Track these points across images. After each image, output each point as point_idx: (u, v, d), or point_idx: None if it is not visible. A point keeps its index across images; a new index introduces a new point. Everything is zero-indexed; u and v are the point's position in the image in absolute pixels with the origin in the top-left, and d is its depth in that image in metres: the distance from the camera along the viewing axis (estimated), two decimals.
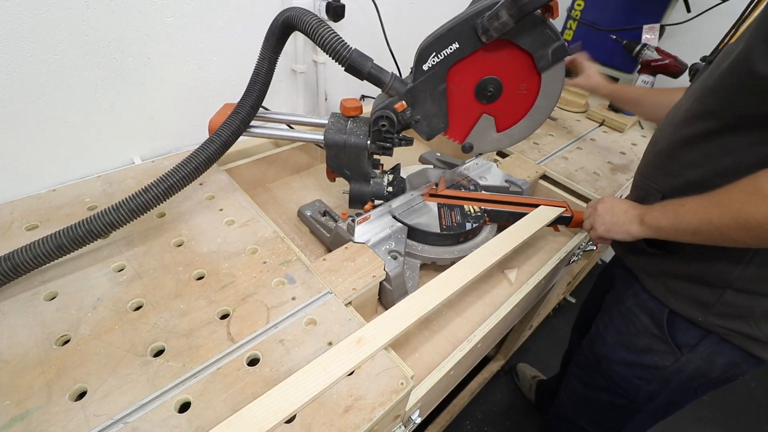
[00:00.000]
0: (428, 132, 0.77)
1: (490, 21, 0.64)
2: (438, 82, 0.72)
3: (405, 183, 0.91)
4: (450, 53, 0.69)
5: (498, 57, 0.70)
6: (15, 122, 0.74)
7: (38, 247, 0.56)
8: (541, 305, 1.25)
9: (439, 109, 0.75)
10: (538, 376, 1.61)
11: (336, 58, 0.68)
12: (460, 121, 0.78)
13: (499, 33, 0.65)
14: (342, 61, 0.67)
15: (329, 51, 0.67)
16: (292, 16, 0.69)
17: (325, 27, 0.66)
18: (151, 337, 0.54)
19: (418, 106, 0.74)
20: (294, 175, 1.10)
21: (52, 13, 0.70)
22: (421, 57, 0.69)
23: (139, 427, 0.46)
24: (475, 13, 0.65)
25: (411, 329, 0.75)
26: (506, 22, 0.63)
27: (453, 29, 0.67)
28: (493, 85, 0.73)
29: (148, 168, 0.86)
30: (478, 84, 0.73)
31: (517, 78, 0.73)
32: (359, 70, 0.69)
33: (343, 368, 0.52)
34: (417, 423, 0.66)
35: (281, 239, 0.73)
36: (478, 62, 0.71)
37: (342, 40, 0.67)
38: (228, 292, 0.62)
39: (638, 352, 0.81)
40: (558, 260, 0.90)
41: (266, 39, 0.74)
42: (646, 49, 1.37)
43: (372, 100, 1.30)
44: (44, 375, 0.50)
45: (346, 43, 0.67)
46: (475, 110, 0.77)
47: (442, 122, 0.76)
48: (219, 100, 1.00)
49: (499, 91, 0.74)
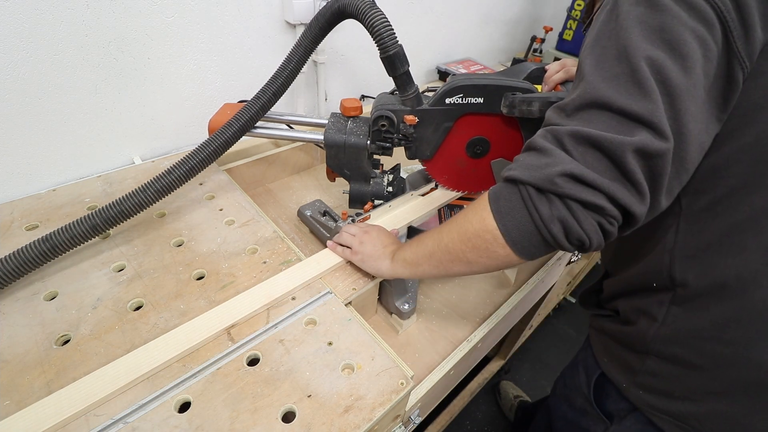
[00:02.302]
0: (413, 153, 0.80)
1: (521, 102, 0.69)
2: (448, 120, 0.76)
3: (405, 183, 0.91)
4: (472, 103, 0.73)
5: (503, 127, 0.78)
6: (15, 122, 0.74)
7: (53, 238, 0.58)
8: (541, 305, 1.25)
9: (435, 141, 0.79)
10: (521, 397, 1.54)
11: (379, 45, 0.67)
12: (442, 161, 0.83)
13: (520, 116, 0.70)
14: (384, 49, 0.67)
15: (375, 36, 0.66)
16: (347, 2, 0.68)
17: (377, 12, 0.65)
18: (151, 337, 0.54)
19: (420, 128, 0.76)
20: (294, 175, 1.10)
21: (52, 13, 0.70)
22: (449, 91, 0.73)
23: (139, 427, 0.46)
24: (513, 86, 0.72)
25: (411, 329, 0.76)
26: (533, 113, 0.68)
27: (488, 87, 0.72)
28: (482, 147, 0.80)
29: (148, 168, 0.86)
30: (473, 139, 0.79)
31: (506, 149, 0.81)
32: (396, 67, 0.69)
33: None
34: (417, 423, 0.66)
35: (281, 239, 0.73)
36: (487, 123, 0.77)
37: (393, 30, 0.66)
38: (228, 292, 0.62)
39: (576, 411, 0.74)
40: (558, 260, 0.90)
41: (308, 29, 0.74)
42: None
43: (372, 100, 1.30)
44: (44, 375, 0.50)
45: (395, 34, 0.67)
46: (458, 157, 0.82)
47: (429, 152, 0.80)
48: (219, 100, 1.00)
49: (486, 152, 0.81)
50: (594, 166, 0.41)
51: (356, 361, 0.55)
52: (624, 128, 0.40)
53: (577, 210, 0.41)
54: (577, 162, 0.41)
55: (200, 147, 0.69)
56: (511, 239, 0.46)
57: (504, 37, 1.89)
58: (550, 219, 0.43)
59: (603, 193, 0.40)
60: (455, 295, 0.83)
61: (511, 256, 0.48)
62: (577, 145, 0.42)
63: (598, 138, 0.40)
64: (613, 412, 0.65)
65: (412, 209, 0.82)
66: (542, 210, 0.43)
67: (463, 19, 1.60)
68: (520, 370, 1.73)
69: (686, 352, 0.53)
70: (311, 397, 0.50)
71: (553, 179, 0.41)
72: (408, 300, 0.73)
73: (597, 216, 0.42)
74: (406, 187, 0.90)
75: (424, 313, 0.79)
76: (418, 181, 0.96)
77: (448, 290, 0.84)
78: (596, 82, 0.42)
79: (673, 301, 0.53)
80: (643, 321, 0.57)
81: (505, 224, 0.46)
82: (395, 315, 0.74)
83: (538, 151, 0.44)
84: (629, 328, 0.59)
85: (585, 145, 0.41)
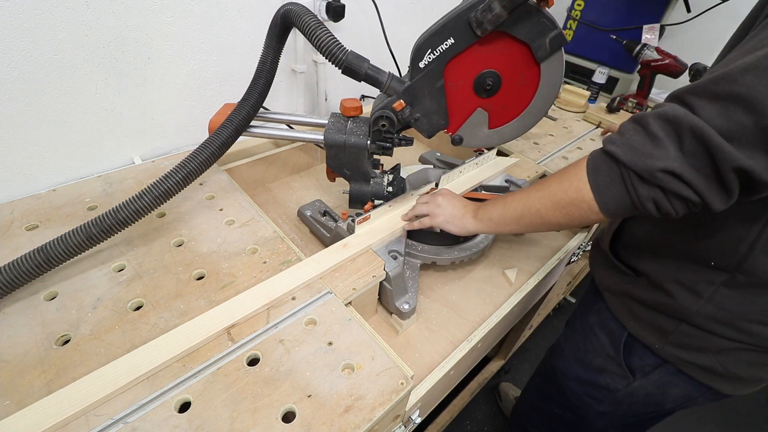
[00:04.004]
0: (429, 129, 0.76)
1: (483, 14, 0.63)
2: (435, 79, 0.71)
3: (405, 183, 0.91)
4: (446, 49, 0.68)
5: (495, 50, 0.70)
6: (15, 122, 0.74)
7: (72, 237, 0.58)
8: (541, 305, 1.25)
9: (438, 106, 0.74)
10: None
11: (332, 60, 0.67)
12: (461, 118, 0.77)
13: (493, 25, 0.64)
14: (338, 63, 0.67)
15: (325, 53, 0.67)
16: (291, 12, 0.69)
17: (322, 28, 0.66)
18: (151, 337, 0.54)
19: (416, 104, 0.73)
20: (294, 175, 1.10)
21: (53, 13, 0.70)
22: (417, 55, 0.69)
23: (139, 427, 0.46)
24: (468, 6, 0.65)
25: (411, 329, 0.76)
26: (499, 14, 0.62)
27: (447, 24, 0.66)
28: (491, 78, 0.72)
29: (148, 168, 0.86)
30: (477, 78, 0.72)
31: (515, 70, 0.72)
32: (356, 72, 0.68)
33: None
34: (417, 423, 0.66)
35: (281, 239, 0.73)
36: (474, 56, 0.70)
37: (338, 43, 0.66)
38: (228, 292, 0.62)
39: (592, 371, 0.79)
40: (558, 260, 0.90)
41: (269, 32, 0.75)
42: (646, 49, 1.37)
43: (372, 100, 1.30)
44: (44, 375, 0.50)
45: (342, 45, 0.67)
46: (475, 105, 0.76)
47: (442, 119, 0.76)
48: (219, 100, 1.00)
49: (498, 85, 0.73)
50: (697, 164, 0.45)
51: (356, 361, 0.55)
52: (752, 139, 0.42)
53: (670, 197, 0.48)
54: (682, 159, 0.46)
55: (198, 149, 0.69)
56: (606, 209, 0.53)
57: None
58: (646, 198, 0.49)
59: (696, 191, 0.46)
60: (455, 295, 0.83)
61: (601, 218, 0.55)
62: (694, 142, 0.45)
63: (717, 146, 0.43)
64: (636, 368, 0.72)
65: None
66: (641, 191, 0.49)
67: None
68: (520, 370, 1.73)
69: (728, 331, 0.59)
70: (311, 397, 0.50)
71: (654, 173, 0.47)
72: (408, 300, 0.73)
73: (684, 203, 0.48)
74: (406, 187, 0.90)
75: (424, 313, 0.79)
76: (418, 181, 0.96)
77: (448, 290, 0.84)
78: (757, 85, 0.41)
79: (727, 284, 0.58)
80: (683, 294, 0.61)
81: (603, 197, 0.53)
82: (395, 315, 0.74)
83: (649, 135, 0.48)
84: (665, 299, 0.63)
85: (701, 146, 0.44)
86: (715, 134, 0.43)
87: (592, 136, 1.35)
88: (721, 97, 0.43)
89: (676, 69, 1.33)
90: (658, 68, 1.36)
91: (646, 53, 1.37)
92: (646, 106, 1.46)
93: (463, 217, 0.72)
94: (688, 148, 0.45)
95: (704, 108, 0.44)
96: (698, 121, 0.44)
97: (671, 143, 0.46)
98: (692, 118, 0.44)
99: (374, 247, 0.74)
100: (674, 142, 0.46)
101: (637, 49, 1.39)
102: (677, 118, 0.45)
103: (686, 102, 0.46)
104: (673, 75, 1.35)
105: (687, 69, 1.32)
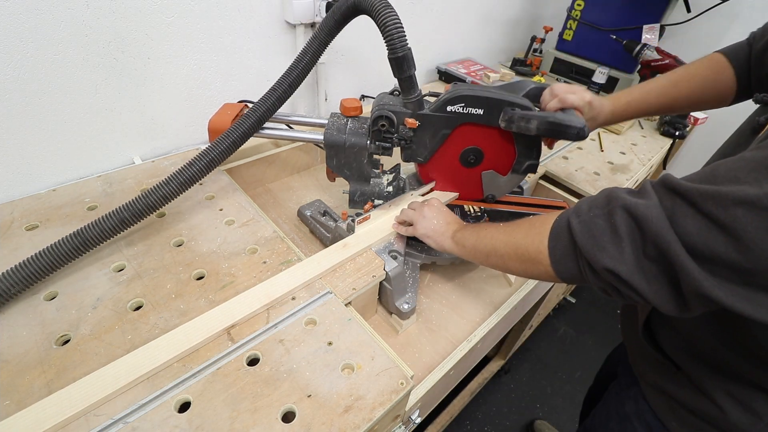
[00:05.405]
0: (409, 155, 0.81)
1: (520, 119, 0.70)
2: (447, 127, 0.77)
3: (405, 183, 0.91)
4: (472, 113, 0.74)
5: (498, 140, 0.79)
6: (15, 122, 0.74)
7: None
8: (541, 305, 1.25)
9: (432, 146, 0.79)
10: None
11: (389, 45, 0.66)
12: (436, 166, 0.84)
13: (517, 130, 0.72)
14: (394, 51, 0.66)
15: (387, 36, 0.66)
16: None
17: (391, 11, 0.66)
18: (152, 337, 0.54)
19: (418, 132, 0.77)
20: (294, 175, 1.10)
21: (52, 13, 0.70)
22: (452, 99, 0.73)
23: (139, 427, 0.46)
24: (512, 102, 0.73)
25: (411, 329, 0.76)
26: (530, 130, 0.69)
27: (489, 100, 0.73)
28: (476, 156, 0.81)
29: (148, 168, 0.86)
30: (468, 148, 0.80)
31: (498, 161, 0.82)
32: (403, 69, 0.69)
33: None
34: (417, 423, 0.66)
35: (281, 239, 0.73)
36: (483, 133, 0.78)
37: (404, 32, 0.66)
38: (228, 292, 0.62)
39: None
40: None
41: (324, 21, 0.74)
42: (646, 49, 1.37)
43: (372, 100, 1.30)
44: (44, 375, 0.50)
45: (406, 37, 0.67)
46: (452, 165, 0.83)
47: (423, 156, 0.81)
48: (219, 100, 1.00)
49: (479, 162, 0.82)
50: (654, 273, 0.42)
51: (356, 361, 0.55)
52: (726, 272, 0.38)
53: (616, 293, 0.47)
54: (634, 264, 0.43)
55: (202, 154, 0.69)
56: (561, 277, 0.52)
57: (504, 37, 1.89)
58: (596, 284, 0.49)
59: (643, 297, 0.44)
60: (455, 295, 0.83)
61: (554, 279, 0.54)
62: (656, 253, 0.41)
63: (682, 267, 0.39)
64: None
65: None
66: (590, 278, 0.48)
67: (463, 19, 1.60)
68: (520, 370, 1.73)
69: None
70: (311, 397, 0.50)
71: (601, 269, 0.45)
72: (408, 300, 0.73)
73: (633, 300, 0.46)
74: (406, 187, 0.90)
75: (424, 313, 0.79)
76: (418, 181, 0.96)
77: (448, 290, 0.84)
78: (746, 224, 0.36)
79: None
80: (737, 411, 0.53)
81: (558, 266, 0.52)
82: (395, 315, 0.74)
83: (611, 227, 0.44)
84: (714, 410, 0.55)
85: (663, 259, 0.41)
86: (682, 254, 0.39)
87: (593, 136, 1.35)
88: (706, 216, 0.38)
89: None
90: (658, 68, 1.36)
91: (646, 53, 1.37)
92: None
93: (443, 234, 0.69)
94: (650, 254, 0.42)
95: (686, 217, 0.39)
96: (668, 233, 0.40)
97: (629, 244, 0.43)
98: (662, 227, 0.40)
99: (374, 247, 0.74)
100: (634, 243, 0.42)
101: (637, 49, 1.39)
102: (646, 220, 0.41)
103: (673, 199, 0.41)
104: None
105: None
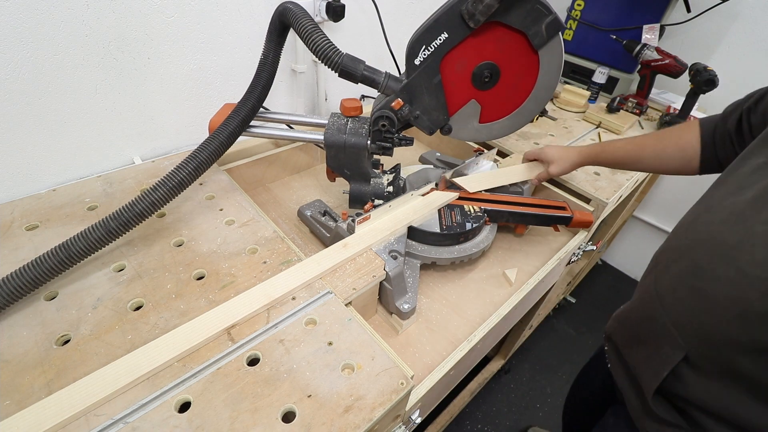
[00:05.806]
0: (429, 126, 0.76)
1: (474, 5, 0.62)
2: (432, 75, 0.71)
3: (405, 183, 0.91)
4: (440, 44, 0.67)
5: (490, 41, 0.68)
6: (15, 122, 0.74)
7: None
8: (541, 305, 1.25)
9: (438, 101, 0.73)
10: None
11: (328, 64, 0.67)
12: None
13: (485, 16, 0.63)
14: (334, 66, 0.67)
15: (320, 56, 0.67)
16: (288, 11, 0.69)
17: (318, 32, 0.66)
18: (152, 337, 0.54)
19: (415, 102, 0.73)
20: (294, 175, 1.10)
21: (52, 13, 0.70)
22: (411, 52, 0.69)
23: (139, 426, 0.46)
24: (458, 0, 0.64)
25: (411, 329, 0.76)
26: (490, 4, 0.61)
27: (439, 19, 0.66)
28: (489, 70, 0.71)
29: (149, 168, 0.86)
30: (474, 71, 0.71)
31: (513, 60, 0.71)
32: (352, 74, 0.68)
33: None
34: (417, 423, 0.66)
35: (281, 239, 0.73)
36: (470, 49, 0.69)
37: (333, 46, 0.66)
38: (228, 292, 0.62)
39: None
40: (558, 260, 0.90)
41: (269, 31, 0.75)
42: (646, 49, 1.37)
43: (372, 100, 1.30)
44: (44, 375, 0.50)
45: (337, 48, 0.67)
46: (475, 97, 0.75)
47: (442, 114, 0.75)
48: (219, 100, 1.00)
49: (497, 76, 0.72)
50: None
51: (356, 361, 0.55)
52: None
53: None
54: None
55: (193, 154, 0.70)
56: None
57: None
58: None
59: None
60: (455, 295, 0.83)
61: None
62: None
63: None
64: None
65: (412, 209, 0.82)
66: None
67: None
68: (520, 370, 1.73)
69: None
70: (311, 397, 0.50)
71: None
72: (408, 300, 0.73)
73: None
74: (406, 187, 0.90)
75: (424, 313, 0.79)
76: (418, 181, 0.96)
77: (448, 290, 0.84)
78: None
79: None
80: None
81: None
82: (395, 315, 0.74)
83: None
84: None
85: None
86: None
87: (592, 136, 1.35)
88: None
89: (676, 69, 1.33)
90: (658, 68, 1.36)
91: (646, 53, 1.37)
92: (646, 106, 1.46)
93: (570, 151, 0.87)
94: None
95: None
96: None
97: None
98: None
99: (374, 247, 0.74)
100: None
101: (637, 49, 1.38)
102: None
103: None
104: (673, 75, 1.35)
105: (687, 69, 1.32)
